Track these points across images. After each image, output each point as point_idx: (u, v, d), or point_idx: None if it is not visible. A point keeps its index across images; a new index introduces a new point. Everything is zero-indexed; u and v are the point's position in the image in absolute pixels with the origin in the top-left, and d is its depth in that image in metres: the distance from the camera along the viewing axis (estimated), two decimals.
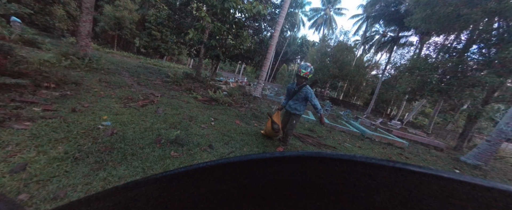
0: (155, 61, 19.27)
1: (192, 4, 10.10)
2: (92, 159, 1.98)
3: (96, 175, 1.78)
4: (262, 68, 9.74)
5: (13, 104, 2.71)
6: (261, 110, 7.08)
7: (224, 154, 2.86)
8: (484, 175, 5.73)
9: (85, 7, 6.30)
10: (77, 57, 6.14)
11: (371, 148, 5.74)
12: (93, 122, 2.77)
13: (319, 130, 6.38)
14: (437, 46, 11.28)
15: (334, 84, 31.50)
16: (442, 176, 0.25)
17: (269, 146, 3.66)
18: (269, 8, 10.27)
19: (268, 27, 13.79)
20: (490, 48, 8.56)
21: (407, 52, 22.95)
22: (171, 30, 10.41)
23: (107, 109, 3.39)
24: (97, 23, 19.76)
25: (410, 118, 22.46)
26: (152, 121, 3.35)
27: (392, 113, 30.06)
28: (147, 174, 1.98)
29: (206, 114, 4.78)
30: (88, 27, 6.59)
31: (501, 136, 6.15)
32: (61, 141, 2.15)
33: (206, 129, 3.69)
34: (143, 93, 5.18)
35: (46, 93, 3.43)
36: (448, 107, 11.22)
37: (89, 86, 4.50)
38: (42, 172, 1.66)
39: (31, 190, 1.47)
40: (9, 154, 1.77)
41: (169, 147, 2.62)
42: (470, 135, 11.27)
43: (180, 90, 7.27)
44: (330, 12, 36.80)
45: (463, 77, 8.98)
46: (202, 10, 7.33)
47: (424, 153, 7.10)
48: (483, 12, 7.93)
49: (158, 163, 2.19)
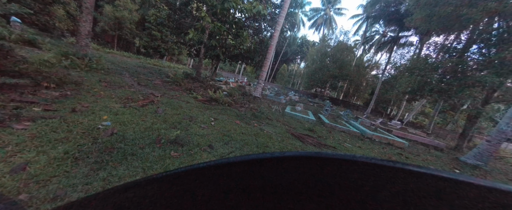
0: (155, 61, 19.28)
1: (192, 4, 10.11)
2: (92, 159, 1.98)
3: (96, 175, 1.78)
4: (262, 68, 9.75)
5: (13, 104, 2.71)
6: (261, 110, 7.08)
7: (224, 154, 2.86)
8: (484, 175, 5.73)
9: (85, 7, 6.31)
10: (77, 57, 6.14)
11: (371, 148, 5.74)
12: (93, 122, 2.77)
13: (319, 130, 6.38)
14: (437, 46, 11.28)
15: (334, 84, 31.49)
16: (442, 176, 0.25)
17: (269, 146, 3.66)
18: (269, 8, 10.27)
19: (268, 27, 13.80)
20: (490, 48, 8.56)
21: (407, 52, 22.93)
22: (171, 30, 10.43)
23: (107, 109, 3.39)
24: (97, 23, 19.74)
25: (410, 118, 22.45)
26: (152, 121, 3.35)
27: (392, 113, 30.06)
28: (147, 174, 1.98)
29: (206, 114, 4.78)
30: (88, 27, 6.59)
31: (501, 136, 6.15)
32: (61, 141, 2.15)
33: (206, 129, 3.69)
34: (143, 93, 5.18)
35: (46, 93, 3.42)
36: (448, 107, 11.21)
37: (89, 86, 4.50)
38: (42, 172, 1.66)
39: (31, 190, 1.47)
40: (9, 154, 1.77)
41: (169, 147, 2.62)
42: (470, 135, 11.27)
43: (180, 90, 7.27)
44: (330, 12, 36.79)
45: (463, 77, 8.97)
46: (202, 10, 7.34)
47: (424, 153, 7.10)
48: (483, 12, 7.93)
49: (158, 163, 2.19)
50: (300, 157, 0.32)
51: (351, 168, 0.29)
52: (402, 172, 0.27)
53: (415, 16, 11.17)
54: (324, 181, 0.31)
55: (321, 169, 0.31)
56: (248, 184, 0.35)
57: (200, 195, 0.35)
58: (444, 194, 0.25)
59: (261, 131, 4.49)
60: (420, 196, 0.26)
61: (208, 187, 0.35)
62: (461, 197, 0.24)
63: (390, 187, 0.27)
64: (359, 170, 0.29)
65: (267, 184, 0.34)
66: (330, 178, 0.31)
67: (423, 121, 26.37)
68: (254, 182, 0.35)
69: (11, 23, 8.82)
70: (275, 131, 4.85)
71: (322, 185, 0.31)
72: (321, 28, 38.63)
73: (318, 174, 0.31)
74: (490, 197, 0.23)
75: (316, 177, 0.31)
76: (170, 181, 0.36)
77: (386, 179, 0.27)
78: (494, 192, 0.23)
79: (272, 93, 16.26)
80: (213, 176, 0.35)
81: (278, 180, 0.33)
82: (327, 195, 0.31)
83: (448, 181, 0.24)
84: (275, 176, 0.34)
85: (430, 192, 0.25)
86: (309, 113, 9.65)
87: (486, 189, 0.23)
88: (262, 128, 4.80)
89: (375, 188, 0.28)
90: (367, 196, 0.28)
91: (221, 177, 0.35)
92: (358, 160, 0.29)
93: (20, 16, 8.42)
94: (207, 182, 0.35)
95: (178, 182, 0.36)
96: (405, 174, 0.26)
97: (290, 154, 0.33)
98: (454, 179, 0.24)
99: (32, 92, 3.30)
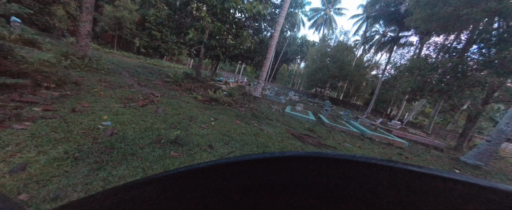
0: (155, 61, 19.28)
1: (192, 4, 10.11)
2: (92, 159, 1.98)
3: (96, 175, 1.78)
4: (262, 68, 9.75)
5: (13, 104, 2.71)
6: (261, 110, 7.08)
7: (224, 154, 2.86)
8: (484, 175, 5.73)
9: (85, 7, 6.31)
10: (77, 57, 6.14)
11: (371, 148, 5.74)
12: (93, 122, 2.77)
13: (319, 130, 6.38)
14: (437, 46, 11.29)
15: (334, 84, 31.52)
16: (442, 176, 0.25)
17: (269, 146, 3.66)
18: (269, 8, 10.27)
19: (268, 27, 13.80)
20: (490, 48, 8.56)
21: (407, 52, 22.94)
22: (171, 30, 10.42)
23: (107, 109, 3.39)
24: (97, 23, 19.74)
25: (410, 118, 22.45)
26: (152, 121, 3.35)
27: (392, 113, 30.05)
28: (147, 174, 1.98)
29: (206, 114, 4.78)
30: (88, 27, 6.59)
31: (501, 136, 6.15)
32: (61, 141, 2.15)
33: (206, 129, 3.69)
34: (143, 93, 5.18)
35: (46, 93, 3.42)
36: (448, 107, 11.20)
37: (89, 86, 4.50)
38: (42, 172, 1.66)
39: (31, 190, 1.47)
40: (9, 154, 1.77)
41: (169, 147, 2.62)
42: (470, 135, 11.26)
43: (180, 90, 7.27)
44: (330, 12, 36.81)
45: (463, 77, 8.98)
46: (202, 10, 7.34)
47: (424, 153, 7.10)
48: (483, 12, 7.93)
49: (158, 163, 2.19)
50: (300, 157, 0.32)
51: (351, 168, 0.29)
52: (402, 172, 0.27)
53: (415, 16, 11.17)
54: (324, 181, 0.31)
55: (321, 169, 0.31)
56: (248, 184, 0.35)
57: (200, 195, 0.35)
58: (444, 194, 0.25)
59: (261, 131, 4.49)
60: (420, 196, 0.25)
61: (208, 187, 0.35)
62: (461, 197, 0.24)
63: (390, 187, 0.27)
64: (359, 170, 0.29)
65: (267, 184, 0.34)
66: (330, 178, 0.31)
67: (423, 121, 26.37)
68: (254, 182, 0.35)
69: (11, 23, 8.82)
70: (275, 131, 4.85)
71: (322, 185, 0.31)
72: (321, 28, 38.64)
73: (318, 174, 0.31)
74: (490, 197, 0.23)
75: (316, 177, 0.31)
76: (170, 181, 0.36)
77: (386, 179, 0.27)
78: (494, 192, 0.23)
79: (272, 93, 16.26)
80: (213, 176, 0.35)
81: (278, 180, 0.33)
82: (327, 195, 0.31)
83: (448, 181, 0.24)
84: (275, 176, 0.34)
85: (430, 192, 0.25)
86: (309, 113, 9.65)
87: (486, 189, 0.23)
88: (262, 128, 4.80)
89: (375, 188, 0.28)
90: (367, 196, 0.28)
91: (221, 177, 0.35)
92: (358, 160, 0.29)
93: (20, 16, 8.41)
94: (207, 182, 0.35)
95: (178, 182, 0.36)
96: (405, 174, 0.26)
97: (290, 154, 0.33)
98: (454, 179, 0.24)
99: (32, 92, 3.30)
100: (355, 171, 0.29)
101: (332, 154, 0.31)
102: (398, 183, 0.27)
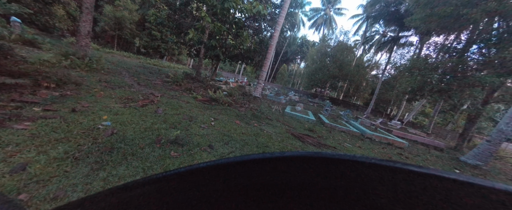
0: (155, 61, 19.28)
1: (192, 4, 10.10)
2: (92, 159, 1.98)
3: (96, 175, 1.78)
4: (262, 68, 9.75)
5: (13, 104, 2.71)
6: (261, 110, 7.08)
7: (224, 154, 2.86)
8: (484, 175, 5.73)
9: (85, 7, 6.31)
10: (77, 57, 6.14)
11: (371, 148, 5.74)
12: (93, 122, 2.77)
13: (319, 130, 6.38)
14: (437, 46, 11.28)
15: (334, 84, 31.49)
16: (442, 176, 0.25)
17: (269, 146, 3.66)
18: (269, 8, 10.27)
19: (268, 27, 13.79)
20: (490, 48, 8.56)
21: (407, 52, 22.94)
22: (171, 30, 10.41)
23: (107, 109, 3.39)
24: (97, 23, 19.75)
25: (410, 118, 22.44)
26: (152, 121, 3.35)
27: (392, 113, 30.04)
28: (147, 174, 1.98)
29: (206, 114, 4.78)
30: (88, 27, 6.59)
31: (501, 136, 6.15)
32: (61, 141, 2.15)
33: (206, 129, 3.69)
34: (143, 93, 5.18)
35: (46, 93, 3.42)
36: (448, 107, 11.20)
37: (89, 86, 4.50)
38: (42, 172, 1.66)
39: (31, 190, 1.47)
40: (9, 154, 1.77)
41: (169, 147, 2.62)
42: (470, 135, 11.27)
43: (180, 90, 7.27)
44: (330, 12, 36.79)
45: (463, 77, 8.97)
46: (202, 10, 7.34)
47: (424, 153, 7.10)
48: (483, 12, 7.93)
49: (158, 163, 2.19)
50: (300, 157, 0.32)
51: (351, 168, 0.29)
52: (402, 172, 0.27)
53: (415, 16, 11.17)
54: (324, 181, 0.31)
55: (321, 169, 0.31)
56: (248, 184, 0.35)
57: (200, 195, 0.35)
58: (444, 193, 0.25)
59: (261, 131, 4.49)
60: (420, 196, 0.25)
61: (208, 187, 0.35)
62: (461, 197, 0.24)
63: (390, 187, 0.27)
64: (359, 170, 0.29)
65: (267, 184, 0.34)
66: (330, 178, 0.31)
67: (423, 121, 26.36)
68: (254, 182, 0.35)
69: (11, 23, 8.82)
70: (275, 131, 4.85)
71: (322, 185, 0.31)
72: (321, 28, 38.63)
73: (318, 174, 0.31)
74: (490, 197, 0.23)
75: (316, 177, 0.31)
76: (170, 181, 0.36)
77: (386, 179, 0.27)
78: (494, 192, 0.23)
79: (272, 93, 16.26)
80: (213, 176, 0.35)
81: (278, 180, 0.33)
82: (328, 195, 0.31)
83: (448, 181, 0.24)
84: (275, 176, 0.34)
85: (431, 192, 0.25)
86: (309, 113, 9.64)
87: (486, 189, 0.23)
88: (262, 128, 4.80)
89: (375, 188, 0.28)
90: (367, 196, 0.28)
91: (221, 177, 0.35)
92: (358, 160, 0.29)
93: (20, 16, 8.41)
94: (207, 182, 0.35)
95: (178, 182, 0.36)
96: (405, 174, 0.26)
97: (290, 154, 0.33)
98: (454, 179, 0.24)
99: (32, 92, 3.30)
100: (355, 171, 0.29)
101: (332, 154, 0.31)
102: (398, 183, 0.27)
